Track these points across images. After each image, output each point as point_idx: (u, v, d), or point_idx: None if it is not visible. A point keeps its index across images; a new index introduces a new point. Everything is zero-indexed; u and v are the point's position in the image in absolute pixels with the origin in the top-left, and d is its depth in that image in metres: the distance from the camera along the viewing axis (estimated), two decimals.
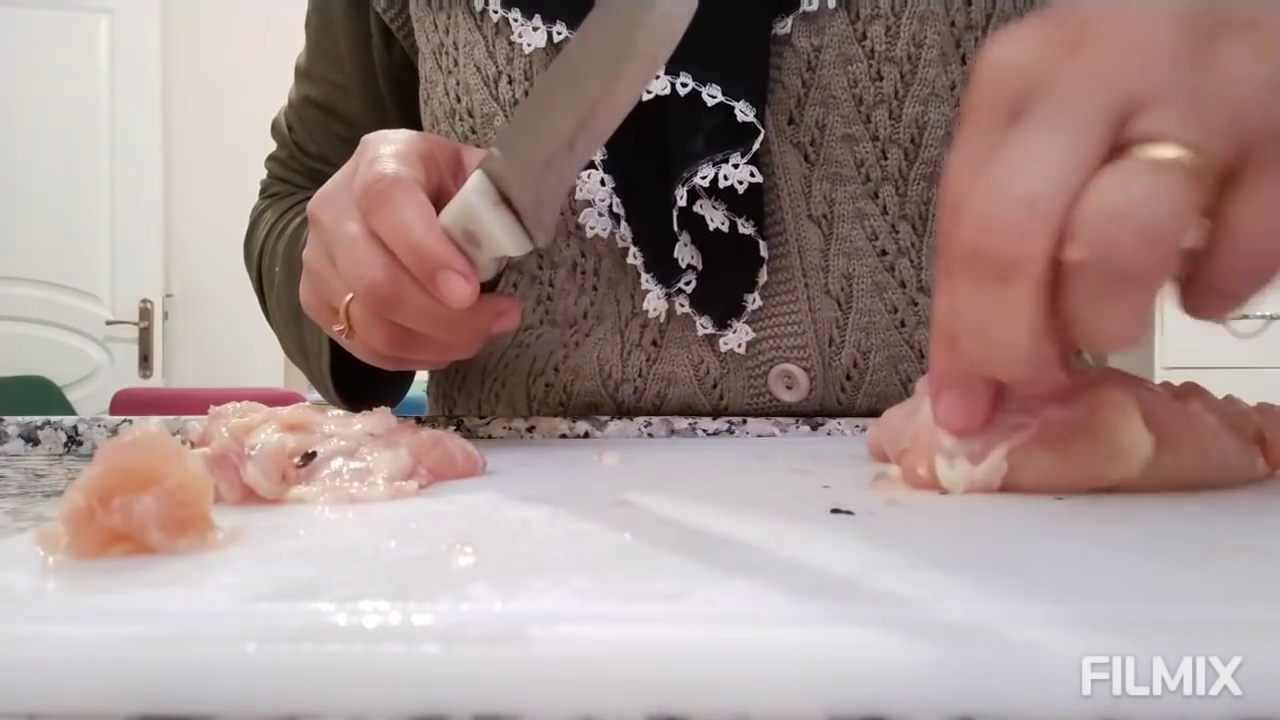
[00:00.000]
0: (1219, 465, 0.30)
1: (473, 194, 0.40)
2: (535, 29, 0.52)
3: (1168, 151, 0.24)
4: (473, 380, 0.63)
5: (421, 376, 0.68)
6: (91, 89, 3.18)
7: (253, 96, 3.19)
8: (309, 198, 0.47)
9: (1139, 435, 0.28)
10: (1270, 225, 0.24)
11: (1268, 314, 2.66)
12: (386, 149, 0.42)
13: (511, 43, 0.53)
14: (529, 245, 0.40)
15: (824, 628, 0.17)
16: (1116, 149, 0.25)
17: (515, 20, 0.52)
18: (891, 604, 0.19)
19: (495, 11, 0.53)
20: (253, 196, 0.70)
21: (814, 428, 0.51)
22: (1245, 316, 2.58)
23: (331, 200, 0.43)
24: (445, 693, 0.16)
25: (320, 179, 0.64)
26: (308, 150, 0.67)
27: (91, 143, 3.18)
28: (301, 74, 0.66)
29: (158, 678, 0.16)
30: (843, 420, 0.51)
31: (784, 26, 0.51)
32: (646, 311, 0.54)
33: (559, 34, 0.51)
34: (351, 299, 0.42)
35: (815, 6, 0.50)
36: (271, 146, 0.70)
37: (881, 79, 0.51)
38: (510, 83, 0.54)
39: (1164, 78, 0.25)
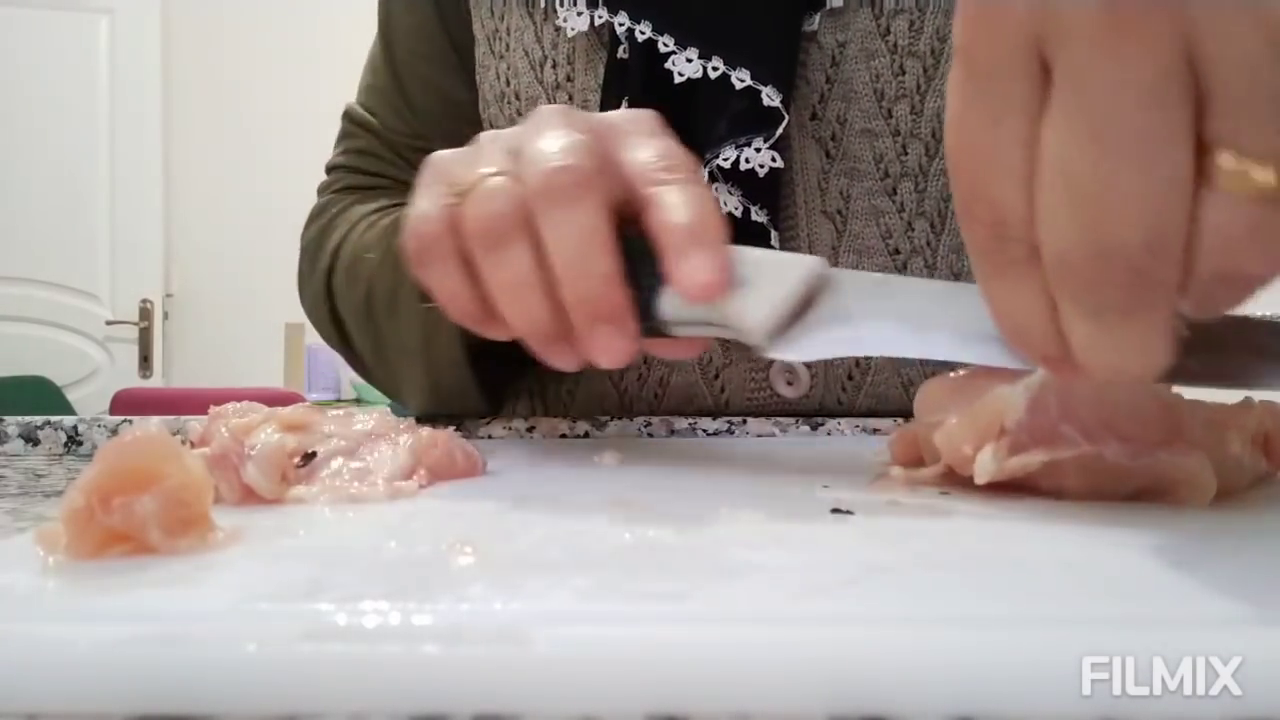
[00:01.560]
0: (1234, 479, 0.30)
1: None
2: (580, 14, 0.53)
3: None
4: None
5: None
6: (91, 89, 3.18)
7: (253, 96, 3.20)
8: (401, 195, 0.42)
9: (1200, 501, 0.27)
10: None
11: (1269, 315, 2.66)
12: (574, 136, 0.34)
13: (557, 27, 0.55)
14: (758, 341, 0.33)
15: (824, 628, 0.17)
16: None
17: (562, 5, 0.54)
18: (891, 604, 0.19)
19: None
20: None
21: (814, 428, 0.50)
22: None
23: (486, 156, 0.36)
24: (445, 693, 0.16)
25: (411, 152, 0.61)
26: (393, 127, 0.64)
27: (91, 143, 3.18)
28: (376, 57, 0.65)
29: (158, 678, 0.16)
30: (843, 420, 0.51)
31: (811, 24, 0.52)
32: None
33: (600, 18, 0.52)
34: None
35: (841, 3, 0.51)
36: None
37: (904, 73, 0.52)
38: (554, 67, 0.55)
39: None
